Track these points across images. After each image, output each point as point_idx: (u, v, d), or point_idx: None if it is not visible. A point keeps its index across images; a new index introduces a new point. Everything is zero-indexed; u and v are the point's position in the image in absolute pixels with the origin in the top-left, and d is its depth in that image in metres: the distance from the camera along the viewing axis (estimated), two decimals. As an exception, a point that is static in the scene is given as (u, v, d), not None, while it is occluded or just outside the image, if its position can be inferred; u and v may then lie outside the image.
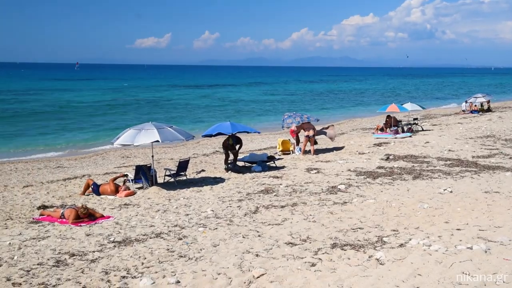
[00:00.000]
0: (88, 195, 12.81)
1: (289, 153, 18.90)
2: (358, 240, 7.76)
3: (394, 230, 8.21)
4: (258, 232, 8.52)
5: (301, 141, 18.73)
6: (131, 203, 11.64)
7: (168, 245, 7.94)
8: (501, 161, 15.24)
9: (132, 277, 6.52)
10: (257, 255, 7.19)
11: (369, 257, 6.86)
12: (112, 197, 12.45)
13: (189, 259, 7.22)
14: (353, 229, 8.43)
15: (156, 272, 6.66)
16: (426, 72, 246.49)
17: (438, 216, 8.96)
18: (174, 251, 7.62)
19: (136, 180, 13.74)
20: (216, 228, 8.90)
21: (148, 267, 6.90)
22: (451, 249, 6.92)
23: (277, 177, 14.11)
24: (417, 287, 5.72)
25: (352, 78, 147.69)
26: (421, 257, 6.70)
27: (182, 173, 14.50)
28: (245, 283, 6.17)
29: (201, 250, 7.63)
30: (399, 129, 23.22)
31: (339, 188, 11.97)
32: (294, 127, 18.56)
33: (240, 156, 17.67)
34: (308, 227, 8.66)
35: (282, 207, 10.38)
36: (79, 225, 9.55)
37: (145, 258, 7.31)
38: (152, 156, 14.08)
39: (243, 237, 8.20)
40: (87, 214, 9.88)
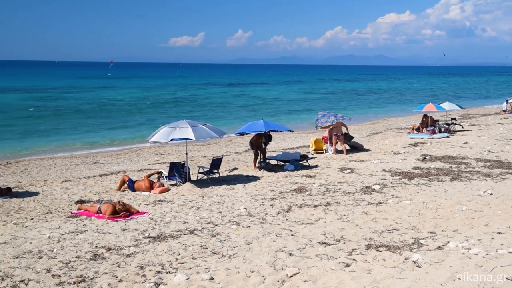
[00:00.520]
0: (123, 191, 13.06)
1: (322, 152, 18.74)
2: (394, 241, 7.60)
3: (431, 232, 8.00)
4: (291, 231, 8.47)
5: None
6: (165, 199, 11.80)
7: (201, 242, 8.00)
8: (545, 163, 14.65)
9: (167, 272, 6.59)
10: (290, 254, 7.14)
11: (406, 259, 6.71)
12: (146, 193, 12.65)
13: (222, 256, 7.24)
14: (389, 230, 8.26)
15: (190, 268, 6.71)
16: (465, 71, 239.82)
17: (477, 219, 8.68)
18: (207, 248, 7.66)
19: (170, 177, 13.92)
20: (249, 226, 8.90)
21: (182, 263, 6.96)
22: (492, 253, 6.68)
23: (310, 176, 14.00)
24: (456, 291, 5.56)
25: (387, 77, 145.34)
26: (460, 260, 6.50)
27: (215, 171, 14.60)
28: (278, 281, 6.13)
29: (234, 247, 7.64)
30: (436, 129, 22.66)
31: (374, 188, 11.78)
32: (327, 134, 18.46)
33: (272, 155, 17.66)
34: (342, 227, 8.55)
35: (315, 206, 10.29)
36: (115, 220, 9.74)
37: (179, 254, 7.38)
38: (186, 154, 14.24)
39: (276, 236, 8.17)
40: (125, 209, 10.07)
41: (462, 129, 24.79)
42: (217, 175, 14.63)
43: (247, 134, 16.80)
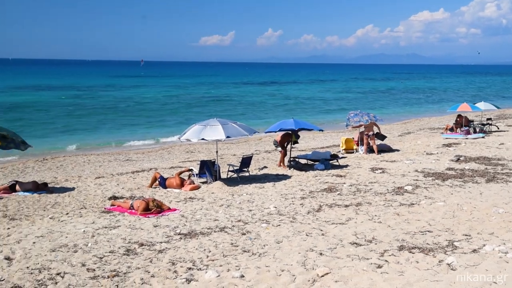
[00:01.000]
0: (155, 187, 13.25)
1: (353, 152, 18.55)
2: (427, 243, 7.45)
3: (466, 235, 7.81)
4: (321, 230, 8.41)
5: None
6: (196, 197, 11.91)
7: (232, 240, 8.04)
8: None
9: (198, 269, 6.65)
10: (321, 254, 7.10)
11: (439, 261, 6.57)
12: (177, 190, 12.80)
13: (252, 254, 7.26)
14: (422, 232, 8.11)
15: (221, 266, 6.75)
16: (502, 70, 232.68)
17: (515, 222, 8.42)
18: (238, 246, 7.69)
19: (200, 174, 14.05)
20: (279, 225, 8.89)
21: (213, 260, 7.01)
22: (531, 258, 6.47)
23: (341, 176, 13.88)
24: (493, 296, 5.41)
25: (420, 76, 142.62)
26: (497, 264, 6.32)
27: (245, 169, 14.64)
28: (309, 281, 6.10)
29: (264, 246, 7.65)
30: (471, 129, 22.09)
31: (406, 189, 11.57)
32: (357, 138, 18.33)
33: (302, 154, 17.58)
34: (373, 228, 8.44)
35: (346, 206, 10.19)
36: (147, 216, 9.90)
37: (210, 251, 7.44)
38: (216, 152, 14.33)
39: (307, 235, 8.13)
40: (158, 206, 10.23)
41: (497, 129, 24.08)
42: (247, 174, 14.67)
43: (277, 132, 16.78)
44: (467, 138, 20.69)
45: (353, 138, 19.31)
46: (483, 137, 21.12)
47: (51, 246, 7.80)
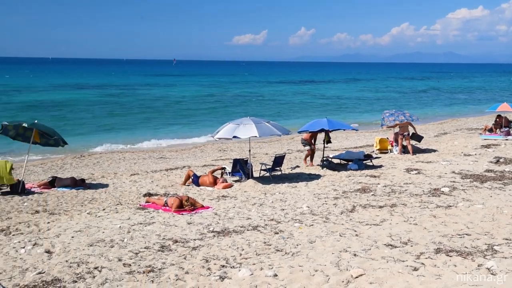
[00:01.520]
0: (188, 185, 13.41)
1: (387, 152, 18.26)
2: (465, 246, 7.25)
3: (506, 239, 7.56)
4: (355, 231, 8.31)
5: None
6: (229, 195, 11.98)
7: (265, 238, 8.04)
8: None
9: (231, 267, 6.68)
10: (355, 255, 7.01)
11: (479, 265, 6.38)
12: (210, 188, 12.90)
13: (285, 253, 7.24)
14: (459, 234, 7.89)
15: (254, 264, 6.76)
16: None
17: (559, 226, 8.10)
18: (270, 245, 7.69)
19: (233, 173, 14.12)
20: (312, 225, 8.84)
21: (246, 259, 7.03)
22: None
23: (375, 176, 13.68)
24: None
25: (457, 75, 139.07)
26: (540, 270, 6.09)
27: (278, 168, 14.63)
28: (343, 282, 6.04)
29: (297, 245, 7.62)
30: (511, 130, 21.36)
31: (443, 191, 11.30)
32: (392, 138, 18.04)
33: (335, 153, 17.43)
34: (408, 230, 8.28)
35: (380, 207, 10.03)
36: (181, 213, 10.02)
37: (243, 250, 7.46)
38: (249, 151, 14.37)
39: (340, 236, 8.05)
40: (192, 204, 10.34)
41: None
42: (279, 173, 14.66)
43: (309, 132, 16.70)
44: (507, 139, 20.01)
45: (387, 138, 19.01)
46: (524, 138, 20.39)
47: (88, 241, 8.00)
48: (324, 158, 15.92)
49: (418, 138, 18.52)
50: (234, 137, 13.06)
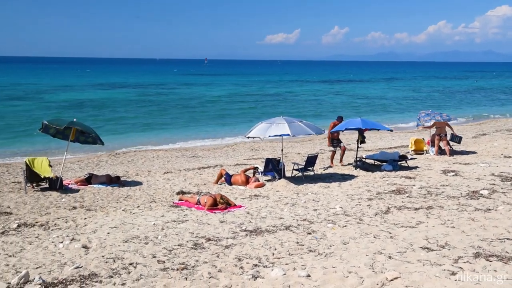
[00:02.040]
0: (220, 184, 13.48)
1: (423, 153, 17.85)
2: (506, 251, 6.99)
3: (550, 245, 7.25)
4: (390, 233, 8.15)
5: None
6: (261, 194, 11.97)
7: (297, 238, 7.99)
8: None
9: (264, 266, 6.67)
10: (390, 257, 6.87)
11: (520, 272, 6.14)
12: (242, 187, 12.93)
13: (318, 254, 7.17)
14: (500, 239, 7.62)
15: (287, 264, 6.73)
16: None
17: None
18: (303, 245, 7.63)
19: (265, 172, 14.10)
20: (345, 226, 8.73)
21: (279, 258, 7.00)
22: None
23: (410, 178, 13.40)
24: None
25: (497, 74, 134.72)
26: None
27: (310, 168, 14.52)
28: (377, 284, 5.93)
29: (330, 246, 7.53)
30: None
31: (482, 194, 10.95)
32: (430, 139, 17.65)
33: (369, 154, 17.17)
34: (446, 233, 8.06)
35: (416, 209, 9.81)
36: (213, 212, 10.08)
37: (275, 249, 7.43)
38: (281, 150, 14.33)
39: (374, 237, 7.91)
40: (224, 203, 10.40)
41: None
42: (312, 173, 14.55)
43: (342, 132, 16.51)
44: (550, 141, 19.25)
45: (423, 139, 18.59)
46: None
47: (124, 237, 8.15)
48: (358, 159, 15.70)
49: (458, 139, 18.02)
50: (267, 136, 13.04)
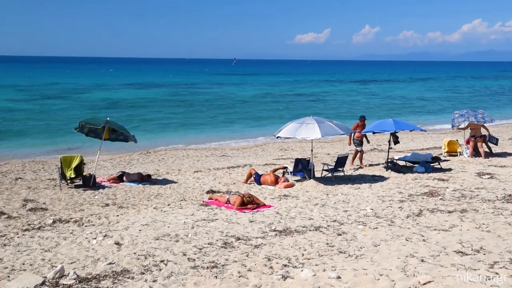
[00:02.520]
0: (250, 183, 13.51)
1: (456, 155, 17.43)
2: (545, 257, 6.76)
3: None
4: (422, 236, 8.00)
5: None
6: (290, 194, 11.94)
7: (327, 239, 7.93)
8: None
9: (293, 267, 6.64)
10: (422, 261, 6.74)
11: (561, 279, 5.92)
12: (272, 187, 12.92)
13: (349, 255, 7.10)
14: (538, 244, 7.37)
15: (317, 265, 6.68)
16: None
17: None
18: (333, 246, 7.57)
19: (295, 172, 14.05)
20: (376, 228, 8.61)
21: (308, 259, 6.96)
22: None
23: (443, 180, 13.11)
24: None
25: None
26: None
27: (340, 169, 14.39)
28: (409, 288, 5.83)
29: (361, 248, 7.44)
30: None
31: (519, 197, 10.62)
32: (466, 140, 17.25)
33: (401, 155, 16.89)
34: (481, 237, 7.84)
35: (450, 212, 9.59)
36: (243, 211, 10.11)
37: (305, 250, 7.40)
38: (311, 150, 14.26)
39: (406, 240, 7.78)
40: (251, 201, 10.42)
41: None
42: (342, 173, 14.41)
43: (374, 133, 16.31)
44: None
45: (456, 140, 18.16)
46: None
47: (155, 235, 8.27)
48: (389, 160, 15.46)
49: (495, 140, 17.53)
50: (296, 136, 12.99)
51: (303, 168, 13.78)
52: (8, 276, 6.36)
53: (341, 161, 14.39)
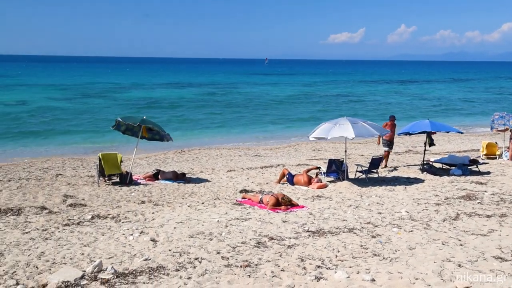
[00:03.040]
0: (283, 183, 13.52)
1: (495, 158, 16.95)
2: None
3: None
4: (459, 240, 7.82)
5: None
6: (323, 195, 11.88)
7: (361, 241, 7.86)
8: None
9: (327, 268, 6.62)
10: (459, 265, 6.60)
11: None
12: (305, 188, 12.89)
13: (383, 258, 7.02)
14: None
15: (350, 267, 6.64)
16: None
17: None
18: (367, 248, 7.50)
19: (328, 173, 13.97)
20: (411, 231, 8.47)
21: (342, 261, 6.92)
22: None
23: (481, 183, 12.77)
24: None
25: None
26: None
27: (374, 170, 14.22)
28: (446, 293, 5.72)
29: (396, 251, 7.34)
30: None
31: (562, 203, 10.24)
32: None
33: (437, 157, 16.55)
34: (521, 243, 7.61)
35: (488, 216, 9.34)
36: (276, 211, 10.14)
37: (339, 251, 7.35)
38: (345, 151, 14.15)
39: (443, 244, 7.62)
40: (288, 202, 10.43)
41: None
42: (376, 175, 14.24)
43: (410, 135, 16.03)
44: None
45: (496, 143, 17.64)
46: None
47: (189, 232, 8.39)
48: (425, 162, 15.17)
49: None
50: (330, 137, 12.92)
51: (336, 169, 13.69)
52: (50, 269, 6.60)
53: (375, 163, 14.22)
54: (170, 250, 7.44)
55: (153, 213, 9.94)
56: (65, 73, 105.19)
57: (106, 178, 13.39)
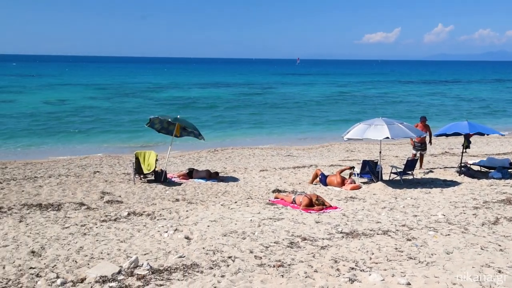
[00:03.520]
0: (315, 184, 13.45)
1: (538, 161, 16.31)
2: None
3: None
4: (499, 245, 7.59)
5: None
6: (357, 196, 11.75)
7: (396, 244, 7.74)
8: None
9: (361, 270, 6.55)
10: (499, 272, 6.40)
11: None
12: (338, 189, 12.79)
13: (419, 262, 6.88)
14: None
15: (385, 270, 6.54)
16: None
17: None
18: (402, 251, 7.37)
19: (362, 174, 13.81)
20: (448, 234, 8.28)
21: (376, 263, 6.83)
22: None
23: (522, 187, 12.35)
24: None
25: None
26: None
27: (409, 172, 13.97)
28: (485, 299, 5.57)
29: (432, 255, 7.19)
30: None
31: None
32: None
33: (475, 160, 16.10)
34: None
35: (530, 222, 9.02)
36: (309, 211, 10.10)
37: (373, 254, 7.26)
38: (380, 152, 13.95)
39: (482, 249, 7.42)
40: (321, 204, 10.38)
41: None
42: (411, 177, 13.98)
43: (447, 136, 15.65)
44: None
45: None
46: None
47: (222, 231, 8.46)
48: (462, 164, 14.78)
49: None
50: (365, 138, 12.77)
51: (370, 170, 13.52)
52: (88, 264, 6.79)
53: (410, 164, 13.97)
54: (203, 248, 7.53)
55: (187, 211, 10.07)
56: (104, 73, 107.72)
57: (142, 176, 13.65)
